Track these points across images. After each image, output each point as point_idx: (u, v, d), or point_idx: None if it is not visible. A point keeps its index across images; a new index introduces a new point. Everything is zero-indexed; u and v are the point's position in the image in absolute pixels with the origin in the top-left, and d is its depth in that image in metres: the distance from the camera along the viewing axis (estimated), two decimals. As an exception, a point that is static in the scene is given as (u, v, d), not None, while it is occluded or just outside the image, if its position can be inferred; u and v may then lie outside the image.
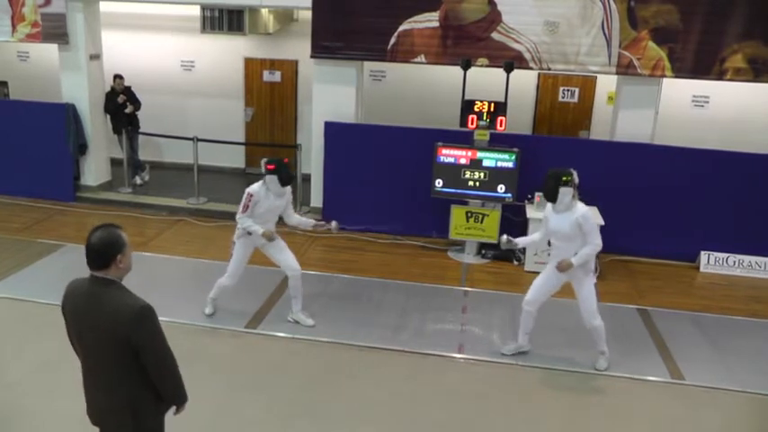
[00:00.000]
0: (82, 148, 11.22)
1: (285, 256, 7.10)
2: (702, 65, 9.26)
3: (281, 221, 7.19)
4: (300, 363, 6.54)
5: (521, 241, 6.74)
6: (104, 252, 3.47)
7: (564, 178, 6.14)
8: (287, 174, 6.82)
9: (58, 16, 10.64)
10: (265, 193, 6.79)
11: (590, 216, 6.21)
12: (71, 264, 8.54)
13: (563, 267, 6.25)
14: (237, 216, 6.85)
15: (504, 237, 6.64)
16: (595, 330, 6.50)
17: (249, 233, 6.88)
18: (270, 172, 6.73)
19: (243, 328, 7.16)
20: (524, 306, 6.66)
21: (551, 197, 6.23)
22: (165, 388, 3.64)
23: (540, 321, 6.71)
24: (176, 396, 3.70)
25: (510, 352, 6.81)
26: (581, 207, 6.23)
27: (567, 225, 6.19)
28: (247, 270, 7.38)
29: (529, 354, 6.80)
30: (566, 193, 6.15)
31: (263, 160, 6.85)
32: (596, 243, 6.18)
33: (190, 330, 7.00)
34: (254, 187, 6.81)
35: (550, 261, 6.50)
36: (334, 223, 7.32)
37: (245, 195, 6.79)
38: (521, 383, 6.39)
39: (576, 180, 6.27)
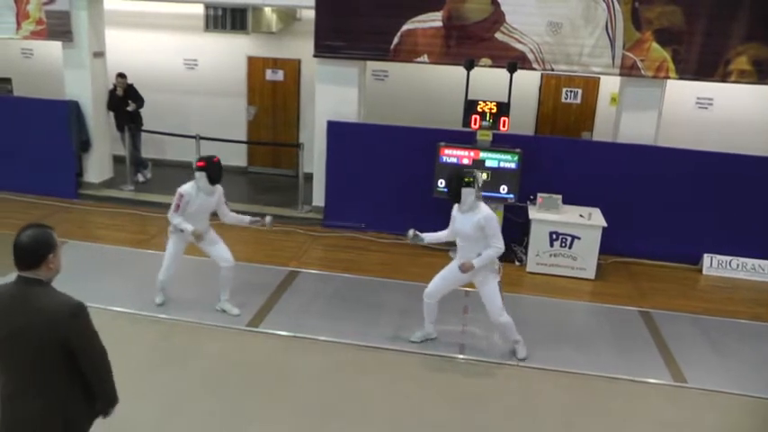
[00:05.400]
0: (85, 145, 11.24)
1: (218, 249, 7.22)
2: (707, 66, 9.24)
3: (216, 218, 7.32)
4: (301, 362, 6.53)
5: (427, 237, 6.79)
6: (35, 250, 3.32)
7: (466, 179, 6.26)
8: (216, 172, 6.93)
9: (62, 14, 10.66)
10: (196, 192, 6.91)
11: (492, 218, 6.28)
12: (74, 260, 8.53)
13: (465, 269, 6.33)
14: (169, 215, 6.97)
15: (411, 231, 6.73)
16: (503, 326, 6.61)
17: (181, 230, 6.98)
18: (199, 169, 6.85)
19: (244, 326, 7.16)
20: (425, 298, 6.78)
21: (455, 197, 6.35)
22: (102, 388, 3.52)
23: (537, 320, 6.68)
24: (112, 397, 3.59)
25: (418, 339, 6.95)
26: (484, 209, 6.32)
27: (469, 226, 6.29)
28: (250, 267, 7.33)
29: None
30: (468, 193, 6.26)
31: (195, 158, 7.00)
32: (498, 246, 6.26)
33: (192, 328, 7.01)
34: (186, 187, 6.92)
35: (456, 259, 6.56)
36: (268, 218, 7.42)
37: (176, 195, 6.89)
38: (521, 384, 6.38)
39: (480, 181, 6.44)
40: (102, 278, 7.96)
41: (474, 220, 6.26)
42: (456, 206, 6.49)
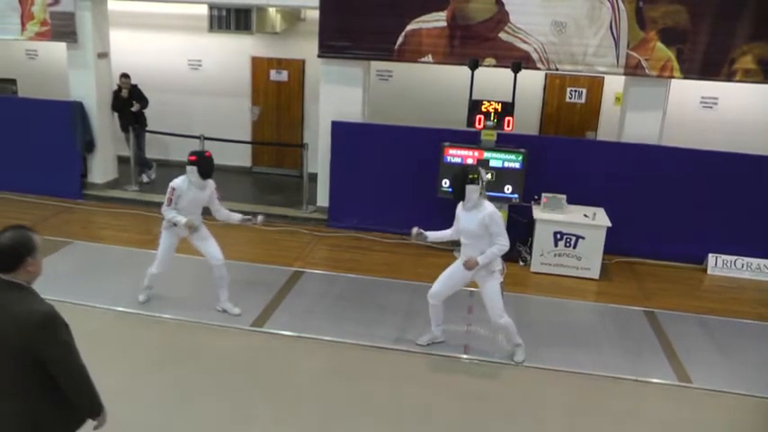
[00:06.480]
0: (89, 145, 11.25)
1: (208, 246, 7.24)
2: (711, 66, 9.21)
3: (208, 214, 7.35)
4: (305, 362, 6.53)
5: (431, 235, 6.76)
6: (14, 253, 3.24)
7: (470, 176, 6.23)
8: (207, 166, 7.02)
9: (66, 15, 10.67)
10: (187, 186, 6.99)
11: (497, 216, 6.25)
12: (78, 261, 8.57)
13: (469, 265, 6.28)
14: (163, 209, 7.03)
15: (415, 229, 6.68)
16: (504, 328, 6.57)
17: (174, 224, 7.02)
18: (191, 163, 6.96)
19: (248, 326, 7.16)
20: (429, 299, 6.74)
21: (459, 195, 6.32)
22: (78, 399, 3.38)
23: (542, 320, 6.67)
24: (91, 406, 3.45)
25: (425, 342, 6.90)
26: (488, 206, 6.29)
27: (474, 223, 6.26)
28: (254, 267, 7.28)
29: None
30: (472, 190, 6.23)
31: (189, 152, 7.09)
32: (502, 243, 6.23)
33: (196, 328, 7.02)
34: (177, 181, 7.02)
35: (460, 257, 6.52)
36: (260, 217, 7.43)
37: (168, 189, 6.99)
38: (525, 384, 6.37)
39: (484, 178, 6.43)
40: (106, 278, 7.95)
41: (478, 218, 6.23)
42: (460, 204, 6.45)
